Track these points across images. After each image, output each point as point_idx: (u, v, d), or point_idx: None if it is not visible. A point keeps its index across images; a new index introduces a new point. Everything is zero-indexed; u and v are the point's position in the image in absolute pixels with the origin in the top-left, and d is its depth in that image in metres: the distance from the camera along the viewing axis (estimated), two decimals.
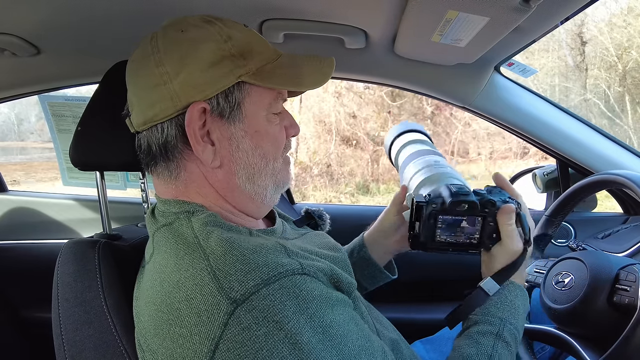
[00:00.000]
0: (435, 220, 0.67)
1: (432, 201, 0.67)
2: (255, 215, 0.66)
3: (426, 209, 0.67)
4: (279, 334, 0.47)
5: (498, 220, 0.67)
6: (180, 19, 0.61)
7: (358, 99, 6.10)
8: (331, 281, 0.55)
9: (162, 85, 0.57)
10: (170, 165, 0.60)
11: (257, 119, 0.60)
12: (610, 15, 5.91)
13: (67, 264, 0.69)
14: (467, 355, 0.62)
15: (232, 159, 0.60)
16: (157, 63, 0.57)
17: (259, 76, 0.59)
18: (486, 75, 1.16)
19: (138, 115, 0.60)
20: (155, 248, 0.60)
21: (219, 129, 0.59)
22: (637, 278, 0.70)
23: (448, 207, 0.67)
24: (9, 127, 7.59)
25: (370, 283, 0.88)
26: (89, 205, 1.57)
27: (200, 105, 0.56)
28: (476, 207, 0.67)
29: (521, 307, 0.68)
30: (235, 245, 0.51)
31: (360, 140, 6.05)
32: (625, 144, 1.26)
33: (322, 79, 0.63)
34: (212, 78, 0.56)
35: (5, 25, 0.88)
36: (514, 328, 0.65)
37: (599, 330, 0.74)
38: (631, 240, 1.14)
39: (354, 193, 5.81)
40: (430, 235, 0.69)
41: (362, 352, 0.51)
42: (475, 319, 0.66)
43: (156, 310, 0.53)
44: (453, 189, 0.68)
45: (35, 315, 1.49)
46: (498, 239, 0.68)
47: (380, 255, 0.87)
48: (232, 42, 0.58)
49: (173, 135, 0.58)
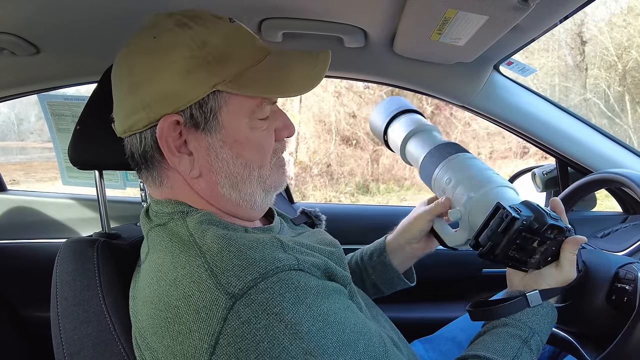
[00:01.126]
0: (517, 237, 0.65)
1: (524, 218, 0.64)
2: (248, 219, 0.64)
3: (517, 223, 0.64)
4: (279, 325, 0.47)
5: (564, 248, 0.66)
6: (155, 20, 0.58)
7: (358, 98, 6.10)
8: (325, 275, 0.56)
9: (136, 96, 0.55)
10: (153, 173, 0.60)
11: (236, 128, 0.57)
12: (610, 15, 5.91)
13: (65, 263, 0.69)
14: (493, 349, 0.62)
15: (211, 168, 0.57)
16: (129, 72, 0.55)
17: (237, 84, 0.55)
18: (485, 74, 1.15)
19: (119, 123, 0.59)
20: (151, 247, 0.60)
21: (196, 140, 0.56)
22: (636, 277, 0.70)
23: (542, 229, 0.64)
24: (9, 127, 7.60)
25: (388, 288, 0.87)
26: (88, 204, 1.57)
27: (172, 118, 0.54)
28: (563, 234, 0.66)
29: (549, 325, 0.68)
30: (231, 242, 0.51)
31: (360, 140, 6.05)
32: (625, 143, 1.26)
33: (313, 81, 0.58)
34: (184, 88, 0.53)
35: (5, 24, 0.88)
36: (541, 340, 0.65)
37: (597, 328, 0.74)
38: (630, 239, 1.14)
39: (354, 193, 5.81)
40: (506, 250, 0.66)
41: (361, 337, 0.52)
42: (505, 321, 0.66)
43: (154, 309, 0.53)
44: (547, 211, 0.66)
45: (34, 314, 1.49)
46: (551, 262, 0.68)
47: (402, 260, 0.86)
48: (207, 47, 0.54)
49: (150, 146, 0.57)
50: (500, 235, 0.65)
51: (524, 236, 0.64)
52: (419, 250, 0.85)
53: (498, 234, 0.65)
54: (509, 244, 0.65)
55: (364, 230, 1.32)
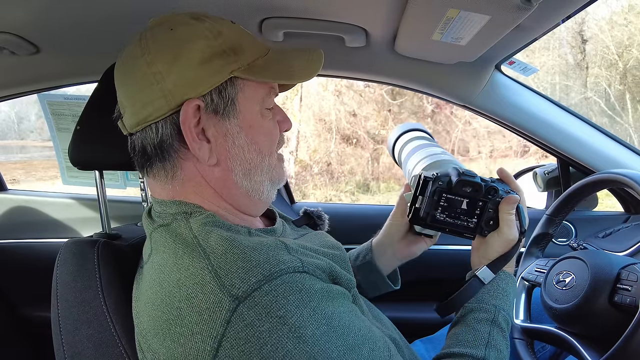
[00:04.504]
0: (439, 198, 0.69)
1: (440, 178, 0.69)
2: (253, 213, 0.66)
3: (432, 184, 0.69)
4: (282, 328, 0.47)
5: (500, 209, 0.70)
6: (167, 17, 0.60)
7: (358, 97, 6.09)
8: (330, 278, 0.56)
9: (154, 85, 0.56)
10: (166, 165, 0.60)
11: (251, 113, 0.61)
12: (611, 13, 5.90)
13: (66, 263, 0.68)
14: (465, 342, 0.64)
15: (228, 155, 0.60)
16: (148, 63, 0.56)
17: (251, 71, 0.59)
18: (487, 73, 1.15)
19: (131, 116, 0.59)
20: (154, 248, 0.60)
21: (214, 126, 0.59)
22: (638, 278, 0.70)
23: (454, 186, 0.68)
24: (9, 126, 7.59)
25: (372, 290, 0.87)
26: (88, 204, 1.57)
27: (194, 102, 0.56)
28: (481, 191, 0.69)
29: (512, 294, 0.71)
30: (235, 244, 0.52)
31: (361, 138, 6.04)
32: (626, 142, 1.26)
33: (312, 72, 0.64)
34: (204, 75, 0.56)
35: (4, 23, 0.88)
36: (507, 314, 0.68)
37: (600, 330, 0.73)
38: (632, 239, 1.14)
39: (354, 192, 5.80)
40: (431, 212, 0.70)
41: (365, 341, 0.52)
42: (470, 306, 0.68)
43: (156, 310, 0.53)
44: (461, 170, 0.70)
45: (35, 315, 1.49)
46: (494, 227, 0.71)
47: (387, 260, 0.86)
48: (222, 38, 0.58)
49: (168, 134, 0.58)
50: (420, 198, 0.70)
51: (446, 197, 0.69)
52: (401, 251, 0.85)
53: (419, 199, 0.71)
54: (431, 205, 0.70)
55: (364, 230, 1.32)
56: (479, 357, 0.62)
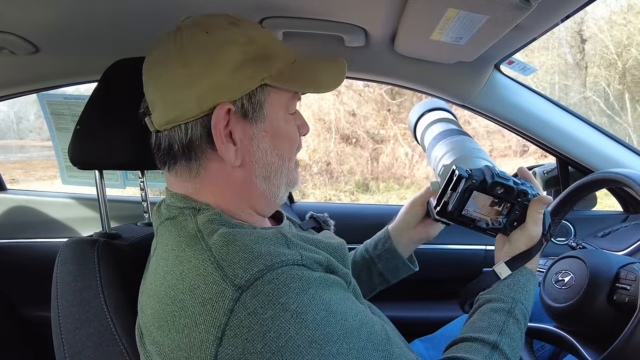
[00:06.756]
0: (469, 195, 0.70)
1: (473, 177, 0.70)
2: (264, 213, 0.67)
3: (465, 182, 0.70)
4: (285, 315, 0.48)
5: (530, 206, 0.71)
6: (203, 19, 0.61)
7: (358, 97, 6.09)
8: (327, 270, 0.57)
9: (189, 87, 0.57)
10: (192, 165, 0.60)
11: (276, 119, 0.62)
12: (610, 13, 5.90)
13: (66, 263, 0.69)
14: (479, 328, 0.66)
15: (252, 158, 0.61)
16: (183, 64, 0.57)
17: (281, 79, 0.60)
18: (486, 73, 1.15)
19: (161, 115, 0.60)
20: (159, 242, 0.61)
21: (242, 129, 0.60)
22: (637, 277, 0.70)
23: (487, 185, 0.70)
24: (8, 125, 7.58)
25: (393, 276, 0.91)
26: (88, 204, 1.57)
27: (226, 106, 0.57)
28: (512, 193, 0.70)
29: (532, 290, 0.72)
30: (237, 237, 0.53)
31: (360, 138, 6.04)
32: (625, 142, 1.26)
33: (337, 81, 0.65)
34: (237, 81, 0.58)
35: (4, 23, 0.88)
36: (525, 308, 0.69)
37: (598, 329, 0.74)
38: (631, 238, 1.14)
39: (354, 191, 5.80)
40: (459, 208, 0.71)
41: (363, 327, 0.53)
42: (488, 297, 0.70)
43: (159, 303, 0.54)
44: (496, 171, 0.71)
45: (35, 314, 1.49)
46: (518, 227, 0.72)
47: (405, 244, 0.90)
48: (255, 45, 0.59)
49: (198, 136, 0.59)
50: (450, 193, 0.72)
51: (478, 195, 0.70)
52: (418, 235, 0.89)
53: (449, 193, 0.72)
54: (460, 202, 0.71)
55: (364, 230, 1.32)
56: (491, 342, 0.63)
